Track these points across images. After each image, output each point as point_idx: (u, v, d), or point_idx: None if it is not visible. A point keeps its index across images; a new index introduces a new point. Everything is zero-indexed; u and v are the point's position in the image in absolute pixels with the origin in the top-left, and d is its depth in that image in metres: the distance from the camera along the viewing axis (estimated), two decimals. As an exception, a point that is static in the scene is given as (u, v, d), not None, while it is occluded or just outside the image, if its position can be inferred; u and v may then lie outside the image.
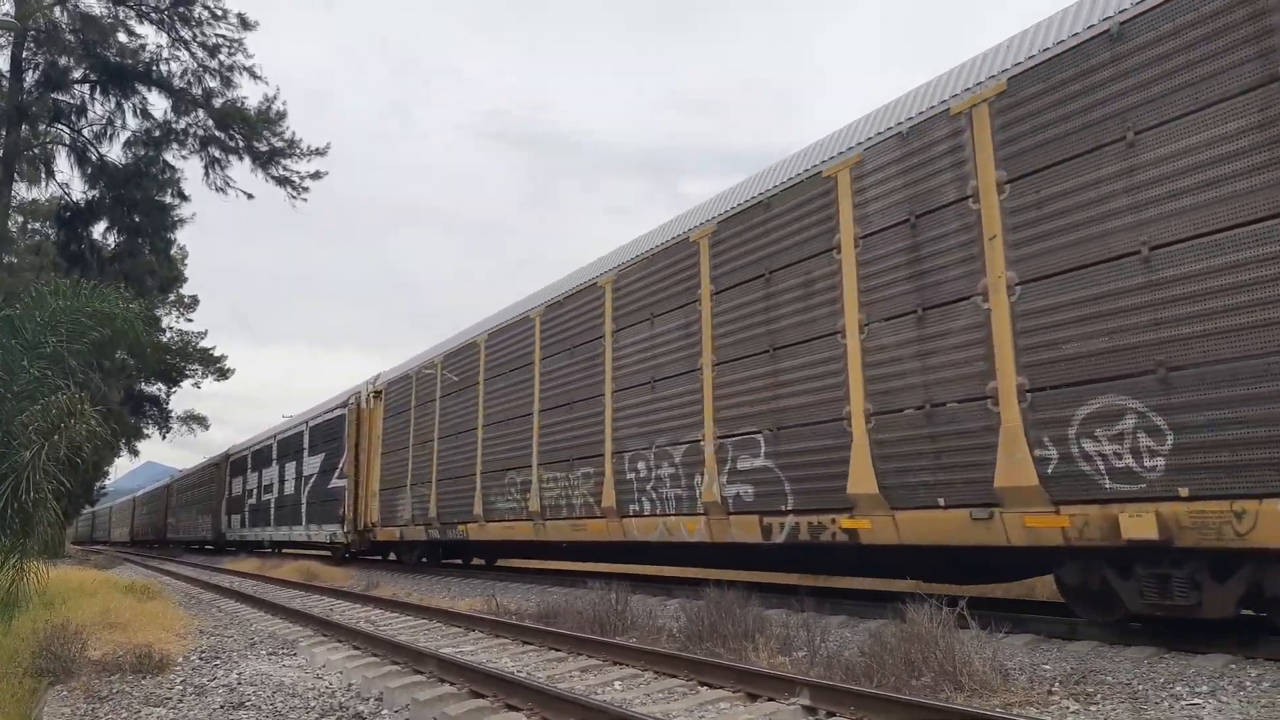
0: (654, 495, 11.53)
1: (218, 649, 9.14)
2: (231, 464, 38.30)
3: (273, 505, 30.75)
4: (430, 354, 19.80)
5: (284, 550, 31.84)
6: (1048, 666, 6.44)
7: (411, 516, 19.10)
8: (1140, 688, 5.65)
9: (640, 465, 11.82)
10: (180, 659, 8.40)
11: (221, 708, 6.36)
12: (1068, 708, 5.29)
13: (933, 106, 8.43)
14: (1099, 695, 5.52)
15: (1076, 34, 7.28)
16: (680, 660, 6.74)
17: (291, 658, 8.60)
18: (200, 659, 8.50)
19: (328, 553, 26.04)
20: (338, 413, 24.92)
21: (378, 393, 22.59)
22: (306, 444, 27.57)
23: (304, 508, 27.00)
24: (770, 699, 5.68)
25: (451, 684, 6.56)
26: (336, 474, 24.05)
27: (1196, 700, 5.28)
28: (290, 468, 29.08)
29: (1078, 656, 6.78)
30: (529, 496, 14.27)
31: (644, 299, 12.14)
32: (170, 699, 6.73)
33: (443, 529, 17.64)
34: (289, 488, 28.83)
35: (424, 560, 20.46)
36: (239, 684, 7.20)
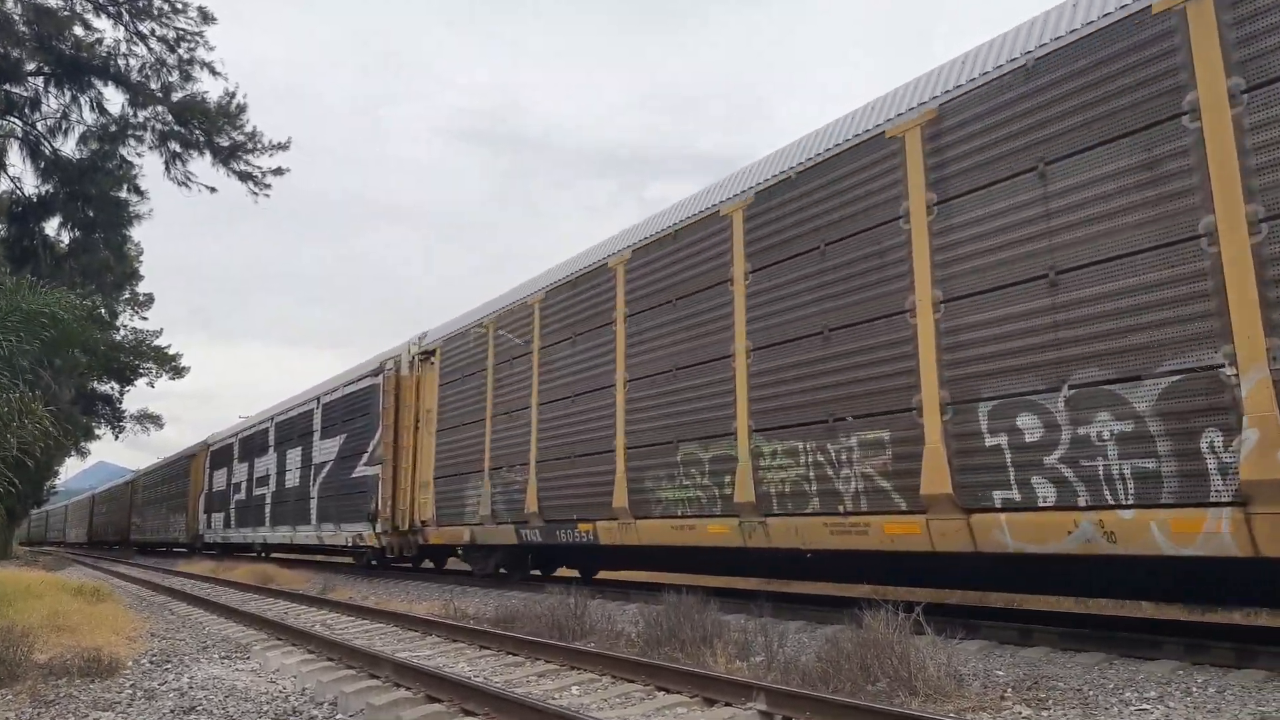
0: (1068, 473, 6.77)
1: (169, 652, 8.99)
2: (212, 455, 33.74)
3: (269, 501, 26.32)
4: (504, 301, 15.16)
5: (283, 555, 28.62)
6: (1001, 672, 6.52)
7: (492, 512, 14.36)
8: (1091, 693, 5.74)
9: (1020, 421, 7.10)
10: (130, 662, 8.25)
11: (172, 712, 6.26)
12: (1020, 713, 5.36)
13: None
14: (1050, 700, 5.60)
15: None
16: (638, 665, 6.74)
17: (245, 661, 8.48)
18: (151, 662, 8.35)
19: (348, 559, 22.75)
20: (366, 383, 20.05)
21: (427, 353, 17.73)
22: (318, 425, 22.92)
23: (314, 503, 22.40)
24: (727, 704, 5.70)
25: (407, 688, 6.51)
26: (364, 460, 19.43)
27: (1145, 705, 5.37)
28: (294, 455, 24.56)
29: (1030, 662, 6.87)
30: (729, 480, 9.79)
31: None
32: (119, 703, 6.61)
33: (548, 529, 12.98)
34: (292, 479, 24.39)
35: (502, 571, 15.92)
36: (190, 688, 7.09)
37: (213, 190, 30.55)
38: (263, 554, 28.91)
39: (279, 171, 30.06)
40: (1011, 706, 5.50)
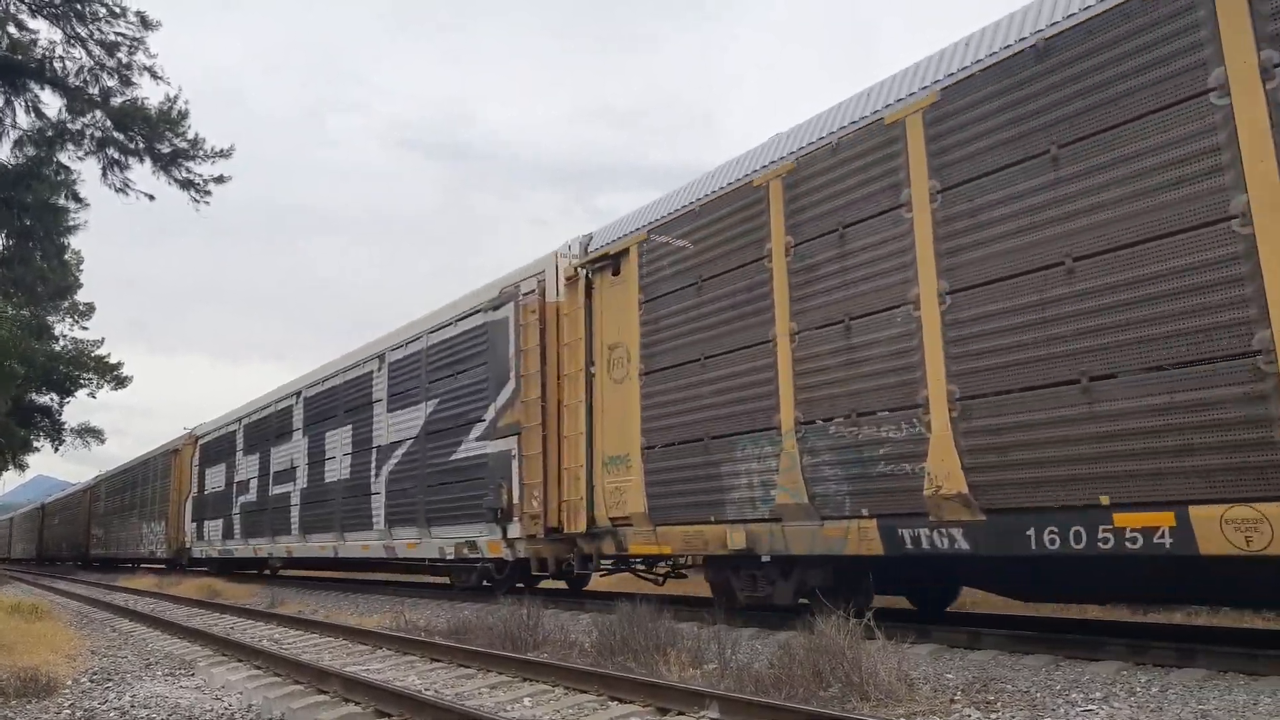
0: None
1: (110, 670, 8.77)
2: (202, 448, 27.90)
3: (295, 502, 20.32)
4: (801, 139, 9.34)
5: (316, 575, 24.18)
6: (950, 675, 6.59)
7: (810, 498, 8.52)
8: (1038, 695, 5.83)
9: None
10: (70, 681, 8.03)
11: (113, 733, 6.11)
12: (969, 715, 5.42)
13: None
14: (999, 703, 5.67)
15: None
16: (591, 675, 6.70)
17: (189, 678, 8.30)
18: (91, 681, 8.14)
19: (440, 579, 17.46)
20: (476, 322, 14.26)
21: (602, 262, 11.65)
22: (382, 391, 17.05)
23: (379, 500, 16.64)
24: (680, 713, 5.69)
25: (356, 703, 6.42)
26: (476, 432, 13.80)
27: (1091, 706, 5.46)
28: (338, 437, 18.58)
29: (979, 665, 6.96)
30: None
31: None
32: (57, 725, 6.43)
33: (1000, 527, 7.06)
34: (337, 470, 18.50)
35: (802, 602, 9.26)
36: (132, 706, 6.92)
37: (151, 198, 29.89)
38: (268, 571, 25.96)
39: (221, 179, 29.52)
40: (961, 709, 5.56)
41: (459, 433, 14.37)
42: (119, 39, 27.32)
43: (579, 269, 12.08)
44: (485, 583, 14.79)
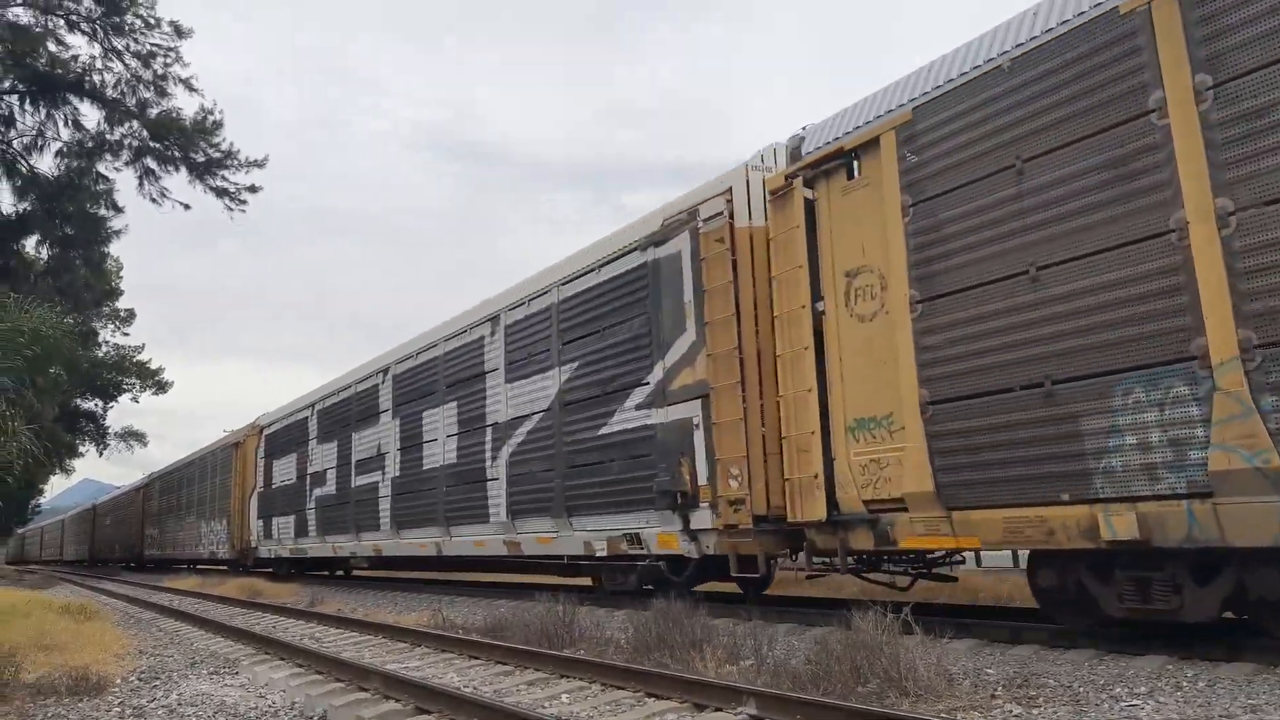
0: None
1: (157, 669, 8.92)
2: (268, 439, 25.72)
3: (386, 493, 17.74)
4: None
5: (406, 576, 21.87)
6: (991, 670, 6.53)
7: None
8: (1081, 690, 5.76)
9: None
10: (119, 680, 8.19)
11: (159, 731, 6.21)
12: (1010, 711, 5.37)
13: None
14: (1041, 698, 5.62)
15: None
16: (628, 672, 6.72)
17: (233, 677, 8.42)
18: (139, 680, 8.29)
19: (579, 579, 14.19)
20: (631, 263, 11.79)
21: (841, 155, 8.99)
22: (498, 360, 14.49)
23: (498, 487, 14.07)
24: (717, 709, 5.69)
25: (397, 700, 6.48)
26: (636, 399, 11.38)
27: (1135, 701, 5.39)
28: (439, 416, 16.04)
29: (1020, 660, 6.90)
30: None
31: None
32: (106, 723, 6.56)
33: None
34: (440, 454, 15.88)
35: None
36: (179, 705, 7.04)
37: (187, 207, 30.50)
38: (340, 573, 24.23)
39: (254, 189, 30.06)
40: (1002, 705, 5.51)
41: (609, 401, 11.74)
42: (154, 49, 27.79)
43: (790, 178, 9.36)
44: (647, 585, 11.57)
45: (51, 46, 26.89)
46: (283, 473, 24.09)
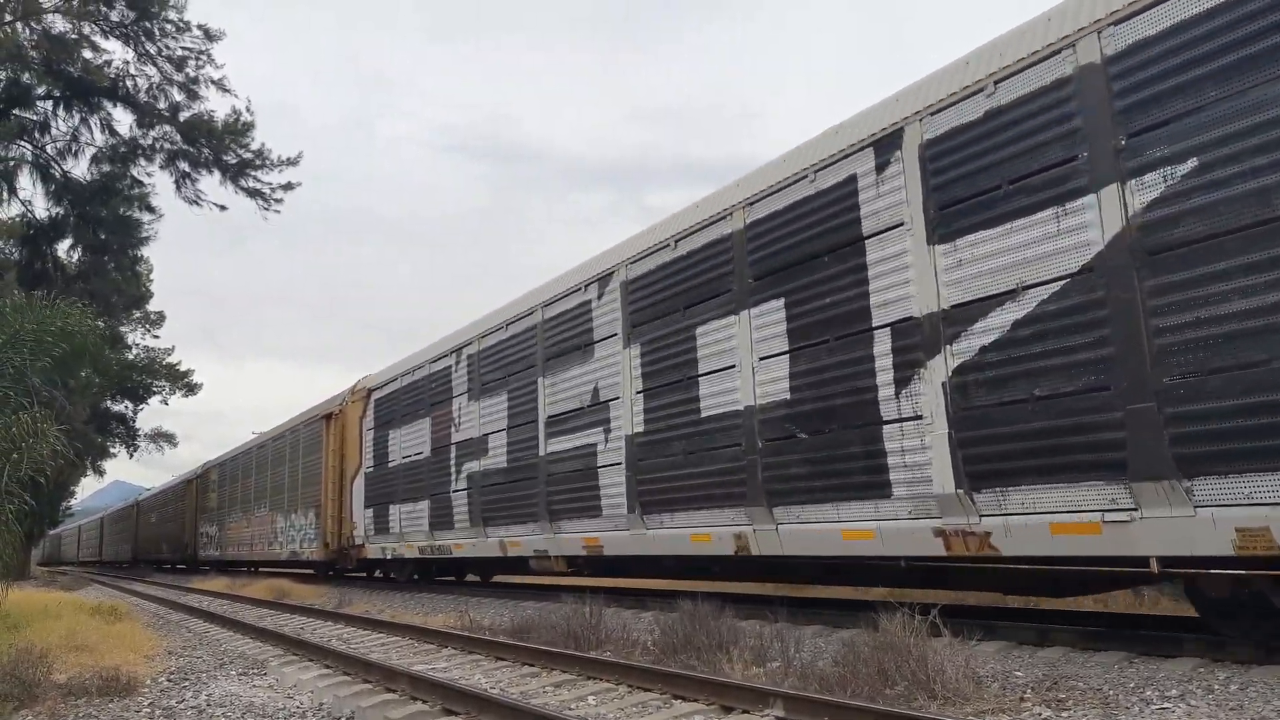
0: None
1: (187, 670, 9.01)
2: (378, 404, 19.65)
3: (614, 460, 11.65)
4: None
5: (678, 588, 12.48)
6: (1020, 673, 6.47)
7: None
8: (1111, 693, 5.70)
9: None
10: (148, 681, 8.27)
11: (190, 730, 6.27)
12: (1040, 714, 5.32)
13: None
14: (1070, 701, 5.56)
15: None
16: (654, 674, 6.71)
17: (262, 678, 8.49)
18: (169, 681, 8.37)
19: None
20: None
21: None
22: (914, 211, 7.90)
23: (918, 433, 7.74)
24: (744, 711, 5.68)
25: (424, 702, 6.50)
26: None
27: (1166, 704, 5.32)
28: (736, 332, 9.76)
29: (1049, 662, 6.83)
30: None
31: None
32: (137, 722, 6.63)
33: None
34: (745, 388, 9.55)
35: None
36: (208, 705, 7.10)
37: (223, 208, 30.84)
38: (473, 579, 19.14)
39: (289, 187, 30.29)
40: (1031, 707, 5.46)
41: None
42: (186, 53, 28.09)
43: None
44: None
45: (85, 52, 27.27)
46: (402, 446, 18.31)
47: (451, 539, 15.95)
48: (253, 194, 29.95)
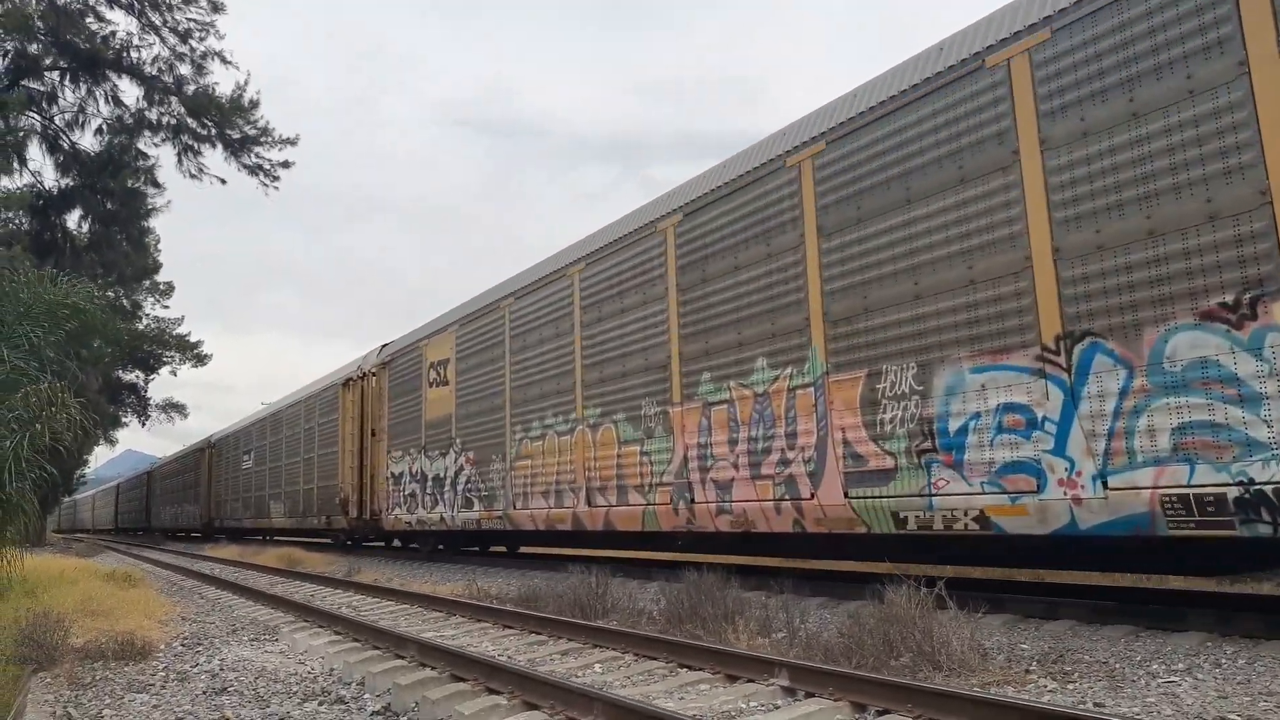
0: None
1: (200, 635, 9.12)
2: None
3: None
4: None
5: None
6: (1025, 646, 6.50)
7: None
8: (1117, 666, 5.72)
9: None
10: (163, 646, 8.38)
11: (204, 693, 6.35)
12: (1045, 686, 5.34)
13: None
14: (1076, 674, 5.58)
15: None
16: (660, 643, 6.76)
17: (273, 643, 8.58)
18: (183, 645, 8.48)
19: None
20: None
21: None
22: None
23: None
24: (749, 680, 5.71)
25: (432, 668, 6.56)
26: None
27: (1173, 678, 5.34)
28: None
29: (1055, 635, 6.85)
30: None
31: None
32: (153, 685, 6.71)
33: None
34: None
35: None
36: (221, 670, 7.19)
37: (223, 182, 30.89)
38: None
39: (287, 165, 30.39)
40: (1037, 680, 5.48)
41: None
42: (191, 25, 27.99)
43: None
44: None
45: (92, 23, 27.19)
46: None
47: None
48: (254, 170, 30.03)
